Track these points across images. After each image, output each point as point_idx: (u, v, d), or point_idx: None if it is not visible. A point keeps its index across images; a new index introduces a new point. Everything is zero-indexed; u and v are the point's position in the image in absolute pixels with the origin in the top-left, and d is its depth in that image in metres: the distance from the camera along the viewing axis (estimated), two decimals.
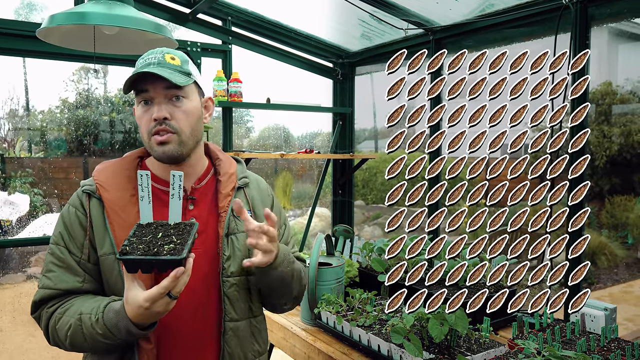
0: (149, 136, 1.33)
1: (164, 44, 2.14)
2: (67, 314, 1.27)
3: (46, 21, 1.89)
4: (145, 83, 1.31)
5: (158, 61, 1.32)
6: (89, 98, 6.35)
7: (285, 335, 2.44)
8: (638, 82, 7.79)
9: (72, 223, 1.35)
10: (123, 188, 1.36)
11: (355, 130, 4.14)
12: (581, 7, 2.31)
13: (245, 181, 1.52)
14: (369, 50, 3.77)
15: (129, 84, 1.31)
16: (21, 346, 3.08)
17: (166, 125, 1.32)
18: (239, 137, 6.89)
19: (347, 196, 4.14)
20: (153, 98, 1.32)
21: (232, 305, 1.39)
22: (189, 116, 1.36)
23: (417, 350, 1.72)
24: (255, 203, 1.52)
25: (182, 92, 1.34)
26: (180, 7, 3.23)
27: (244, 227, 1.33)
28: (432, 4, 2.92)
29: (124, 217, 1.32)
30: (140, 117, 1.34)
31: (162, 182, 1.42)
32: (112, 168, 1.41)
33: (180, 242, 1.14)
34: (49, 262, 1.34)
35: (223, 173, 1.47)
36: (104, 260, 1.32)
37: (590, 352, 1.80)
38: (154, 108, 1.32)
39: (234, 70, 3.40)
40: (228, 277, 1.39)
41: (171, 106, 1.33)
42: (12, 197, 5.45)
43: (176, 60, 1.36)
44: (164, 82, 1.31)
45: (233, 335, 1.40)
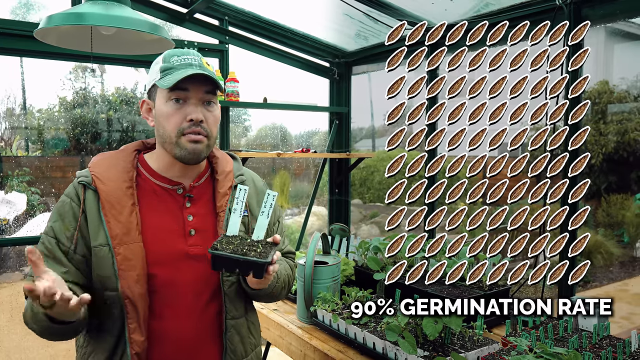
0: (179, 135, 1.34)
1: (160, 44, 2.16)
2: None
3: (44, 21, 1.90)
4: (186, 82, 1.32)
5: (199, 64, 1.35)
6: (86, 97, 6.35)
7: (282, 333, 2.46)
8: (634, 81, 7.82)
9: (65, 213, 1.35)
10: (119, 180, 1.37)
11: (352, 129, 4.16)
12: (574, 8, 2.33)
13: (242, 179, 1.53)
14: (365, 49, 3.79)
15: (176, 80, 1.31)
16: (19, 345, 3.09)
17: (201, 127, 1.35)
18: (236, 136, 6.91)
19: (343, 195, 4.16)
20: (189, 98, 1.34)
21: (232, 304, 1.41)
22: (217, 121, 1.42)
23: (412, 348, 1.74)
24: (252, 202, 1.53)
25: (215, 98, 1.39)
26: (177, 7, 3.24)
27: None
28: (427, 4, 2.94)
29: (119, 209, 1.33)
30: (171, 114, 1.34)
31: (160, 178, 1.42)
32: (109, 160, 1.41)
33: (265, 251, 1.25)
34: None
35: (220, 171, 1.48)
36: (98, 251, 1.32)
37: (582, 349, 1.82)
38: (189, 108, 1.34)
39: (231, 69, 3.42)
40: (228, 277, 1.40)
41: (205, 110, 1.36)
42: (9, 196, 5.45)
43: (210, 67, 1.40)
44: (205, 86, 1.35)
45: (235, 333, 1.42)
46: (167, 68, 1.34)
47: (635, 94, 7.92)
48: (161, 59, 1.38)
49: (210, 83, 1.35)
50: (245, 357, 1.46)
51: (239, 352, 1.43)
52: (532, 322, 2.07)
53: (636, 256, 7.23)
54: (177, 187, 1.42)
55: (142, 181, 1.41)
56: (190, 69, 1.32)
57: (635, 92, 7.91)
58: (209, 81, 1.34)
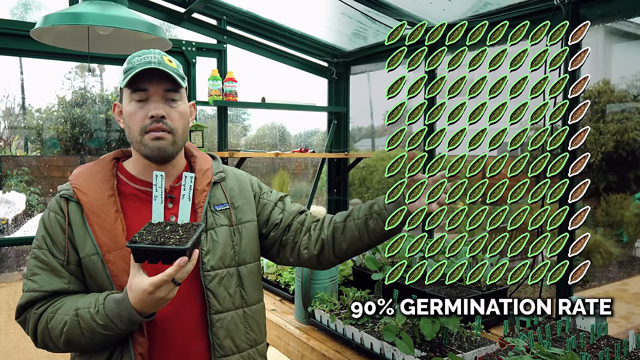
0: (142, 133, 1.35)
1: (158, 43, 2.15)
2: (60, 312, 1.28)
3: (40, 21, 1.89)
4: (145, 82, 1.34)
5: (158, 61, 1.35)
6: (84, 96, 6.34)
7: (280, 333, 2.45)
8: (633, 81, 7.82)
9: (53, 227, 1.37)
10: (100, 189, 1.38)
11: (351, 129, 4.15)
12: (572, 8, 2.33)
13: (222, 175, 1.54)
14: (364, 49, 3.78)
15: (131, 78, 1.32)
16: (17, 345, 3.09)
17: (163, 123, 1.35)
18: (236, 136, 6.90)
19: (342, 195, 4.16)
20: (150, 97, 1.35)
21: (216, 298, 1.41)
22: (182, 117, 1.41)
23: (409, 348, 1.73)
24: (234, 194, 1.55)
25: (178, 94, 1.39)
26: (175, 7, 3.23)
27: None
28: (425, 4, 2.94)
29: (103, 218, 1.35)
30: (133, 113, 1.36)
31: (139, 182, 1.44)
32: (88, 171, 1.43)
33: (186, 237, 1.21)
34: (33, 266, 1.35)
35: (198, 170, 1.50)
36: (88, 261, 1.33)
37: (579, 349, 1.82)
38: (150, 106, 1.35)
39: (229, 69, 3.42)
40: (208, 272, 1.41)
41: (167, 106, 1.37)
42: (7, 195, 5.44)
43: (173, 63, 1.40)
44: (164, 84, 1.35)
45: (221, 327, 1.41)
46: (129, 68, 1.35)
47: (635, 93, 7.92)
48: (126, 61, 1.39)
49: (169, 80, 1.35)
50: (238, 353, 1.44)
51: (227, 346, 1.42)
52: (529, 322, 2.07)
53: (635, 256, 7.22)
54: None
55: (123, 187, 1.43)
56: (148, 65, 1.32)
57: (635, 91, 7.91)
58: (168, 78, 1.35)
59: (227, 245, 1.45)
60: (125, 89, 1.37)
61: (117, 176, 1.45)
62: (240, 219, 1.53)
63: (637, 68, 7.71)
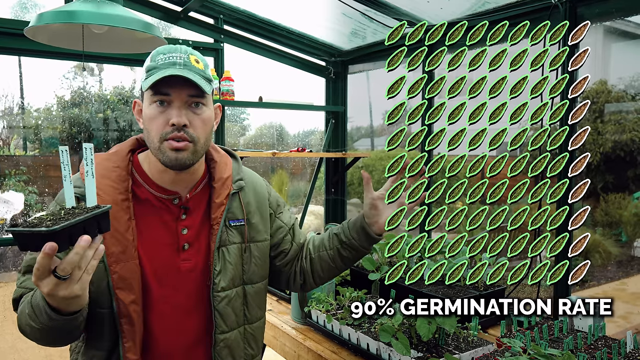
0: (161, 140, 1.25)
1: (153, 42, 2.14)
2: (27, 300, 1.20)
3: (34, 19, 1.88)
4: (167, 86, 1.23)
5: (184, 62, 1.25)
6: (83, 96, 6.33)
7: (276, 334, 2.44)
8: (631, 81, 7.82)
9: None
10: (115, 192, 1.28)
11: (350, 129, 4.14)
12: (570, 7, 2.32)
13: (241, 184, 1.44)
14: (362, 48, 3.77)
15: (153, 82, 1.22)
16: (13, 345, 3.08)
17: (184, 132, 1.24)
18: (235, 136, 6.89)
19: (340, 195, 4.14)
20: (172, 101, 1.25)
21: (223, 319, 1.36)
22: (206, 125, 1.30)
23: (405, 349, 1.72)
24: (250, 209, 1.46)
25: (204, 99, 1.28)
26: (172, 5, 3.22)
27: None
28: (423, 3, 2.93)
29: (115, 226, 1.23)
30: (154, 117, 1.25)
31: (155, 187, 1.34)
32: (103, 165, 1.31)
33: (66, 219, 0.97)
34: (29, 261, 1.28)
35: (217, 178, 1.39)
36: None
37: (577, 350, 1.81)
38: (173, 112, 1.24)
39: (226, 68, 3.41)
40: (218, 292, 1.34)
41: (190, 113, 1.26)
42: (6, 195, 5.43)
43: (200, 64, 1.29)
44: (188, 89, 1.24)
45: (224, 346, 1.37)
46: (152, 67, 1.25)
47: (633, 93, 7.91)
48: (150, 57, 1.30)
49: (193, 86, 1.24)
50: None
51: None
52: (527, 322, 2.06)
53: (634, 255, 7.22)
54: (173, 197, 1.35)
55: (137, 190, 1.33)
56: (172, 69, 1.22)
57: (633, 91, 7.90)
58: (192, 83, 1.23)
59: (237, 264, 1.39)
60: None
61: (132, 175, 1.34)
62: (254, 237, 1.44)
63: (636, 68, 7.71)
